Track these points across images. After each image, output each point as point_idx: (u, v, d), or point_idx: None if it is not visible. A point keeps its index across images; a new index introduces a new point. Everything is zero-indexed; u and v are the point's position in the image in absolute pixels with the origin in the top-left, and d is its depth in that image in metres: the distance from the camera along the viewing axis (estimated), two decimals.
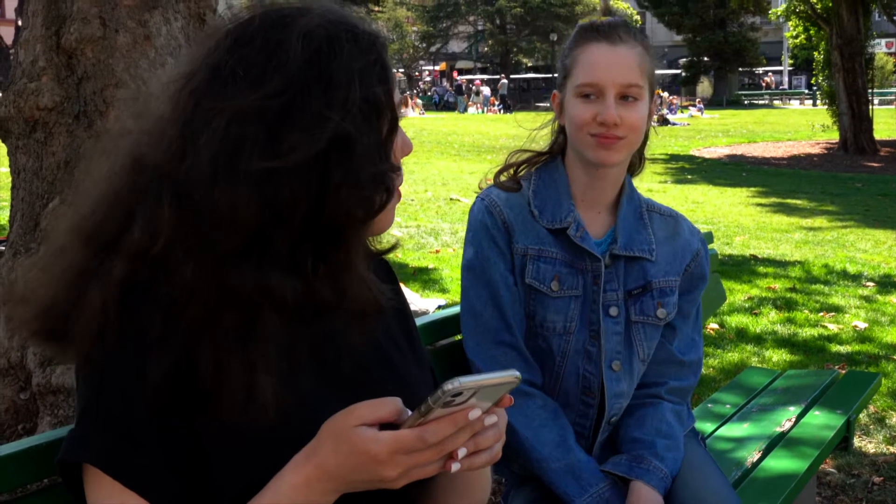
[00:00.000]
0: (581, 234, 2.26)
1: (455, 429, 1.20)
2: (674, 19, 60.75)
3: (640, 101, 2.20)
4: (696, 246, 2.39)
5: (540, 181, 2.32)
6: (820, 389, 3.62)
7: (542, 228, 2.26)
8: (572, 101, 2.22)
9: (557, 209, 2.28)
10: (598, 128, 2.17)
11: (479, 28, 72.50)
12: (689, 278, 2.38)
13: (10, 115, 3.98)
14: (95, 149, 1.45)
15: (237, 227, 1.26)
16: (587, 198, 2.32)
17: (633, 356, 2.30)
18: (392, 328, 1.62)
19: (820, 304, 7.58)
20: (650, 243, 2.31)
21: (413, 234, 10.96)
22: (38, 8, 3.99)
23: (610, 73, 2.17)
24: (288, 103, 1.29)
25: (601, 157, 2.20)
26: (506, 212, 2.27)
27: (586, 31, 2.24)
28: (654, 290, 2.30)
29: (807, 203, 15.39)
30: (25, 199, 4.02)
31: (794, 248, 10.71)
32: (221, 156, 1.27)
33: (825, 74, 28.27)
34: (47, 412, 3.92)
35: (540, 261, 2.25)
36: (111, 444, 1.26)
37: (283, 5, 1.39)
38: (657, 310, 2.30)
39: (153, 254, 1.28)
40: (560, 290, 2.25)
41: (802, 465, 2.85)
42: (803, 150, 26.96)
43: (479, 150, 23.63)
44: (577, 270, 2.26)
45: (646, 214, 2.35)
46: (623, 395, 2.30)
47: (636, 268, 2.30)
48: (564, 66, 2.27)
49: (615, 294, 2.28)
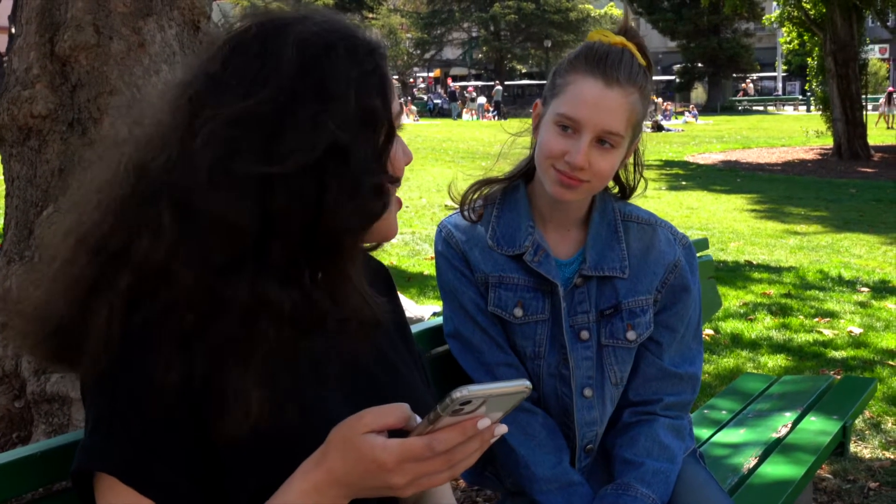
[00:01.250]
0: (539, 259, 2.20)
1: (464, 437, 1.19)
2: (668, 25, 60.88)
3: (616, 148, 2.10)
4: (673, 257, 2.27)
5: (503, 206, 2.26)
6: (816, 395, 3.62)
7: (500, 255, 2.21)
8: (548, 127, 2.13)
9: (516, 234, 2.22)
10: (563, 165, 2.08)
11: (473, 35, 72.51)
12: (671, 291, 2.27)
13: (3, 122, 3.97)
14: (92, 156, 1.45)
15: (232, 234, 1.27)
16: (553, 218, 2.25)
17: (604, 381, 2.24)
18: (393, 335, 1.63)
19: (815, 309, 7.59)
20: (622, 260, 2.22)
21: (408, 240, 10.96)
22: (32, 15, 3.99)
23: (593, 114, 2.06)
24: (283, 109, 1.29)
25: (558, 193, 2.13)
26: (461, 241, 2.24)
27: (588, 58, 2.11)
28: (624, 311, 2.22)
29: (801, 209, 15.40)
30: (19, 207, 4.01)
31: (789, 253, 10.72)
32: (216, 161, 1.27)
33: (819, 80, 28.28)
34: (42, 420, 3.90)
35: (501, 287, 2.21)
36: (126, 452, 1.27)
37: (282, 13, 1.40)
38: (626, 332, 2.22)
39: (156, 263, 1.28)
40: (524, 316, 2.20)
41: (799, 470, 2.85)
42: (797, 155, 26.97)
43: (474, 157, 23.62)
44: (541, 293, 2.21)
45: (620, 227, 2.25)
46: (596, 421, 2.25)
47: (608, 287, 2.23)
48: (554, 84, 2.16)
49: (586, 316, 2.22)
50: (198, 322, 1.28)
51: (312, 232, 1.31)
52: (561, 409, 2.26)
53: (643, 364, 2.28)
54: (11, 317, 1.40)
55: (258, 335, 1.29)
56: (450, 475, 1.22)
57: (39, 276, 1.40)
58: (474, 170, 18.14)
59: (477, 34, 71.55)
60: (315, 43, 1.34)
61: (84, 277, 1.33)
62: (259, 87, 1.29)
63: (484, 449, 1.24)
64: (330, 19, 1.39)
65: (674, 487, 2.20)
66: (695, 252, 2.35)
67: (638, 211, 2.32)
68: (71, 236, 1.37)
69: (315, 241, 1.32)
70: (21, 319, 1.38)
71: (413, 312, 6.55)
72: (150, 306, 1.29)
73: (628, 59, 2.10)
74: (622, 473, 2.19)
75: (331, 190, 1.29)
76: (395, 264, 9.31)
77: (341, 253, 1.35)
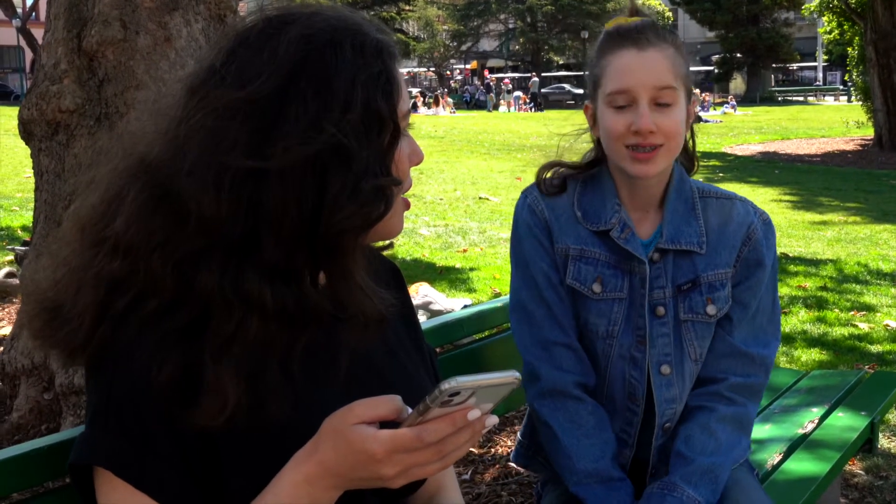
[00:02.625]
0: (626, 236, 2.17)
1: (454, 428, 1.19)
2: (706, 16, 60.50)
3: (675, 105, 2.08)
4: (749, 228, 2.23)
5: (586, 186, 2.24)
6: (845, 390, 3.57)
7: (584, 229, 2.19)
8: (605, 112, 2.12)
9: (601, 211, 2.19)
10: (633, 138, 2.06)
11: (509, 26, 72.44)
12: (745, 265, 2.22)
13: (32, 117, 4.02)
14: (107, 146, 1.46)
15: (205, 222, 1.27)
16: (633, 200, 2.21)
17: (683, 357, 2.20)
18: (397, 327, 1.62)
19: (851, 302, 7.50)
20: (699, 235, 2.19)
21: (441, 233, 10.95)
22: (60, 11, 4.02)
23: (641, 78, 2.06)
24: (276, 103, 1.28)
25: (638, 170, 2.09)
26: (547, 211, 2.22)
27: (612, 37, 2.13)
28: (703, 285, 2.18)
29: (840, 200, 15.24)
30: (48, 201, 4.05)
31: (826, 246, 10.61)
32: (199, 150, 1.27)
33: (860, 70, 28.00)
34: (70, 412, 3.95)
35: (581, 261, 2.18)
36: (121, 446, 1.27)
37: (292, 9, 1.39)
38: (706, 306, 2.18)
39: (128, 246, 1.29)
40: (602, 293, 2.17)
41: (824, 467, 2.81)
42: (837, 146, 26.71)
43: (510, 149, 23.59)
44: (621, 272, 2.18)
45: (698, 203, 2.22)
46: (675, 399, 2.21)
47: (685, 262, 2.19)
48: (593, 76, 2.17)
49: (662, 292, 2.18)
50: (167, 309, 1.28)
51: (313, 231, 1.30)
52: (627, 393, 2.22)
53: (713, 340, 2.23)
54: (25, 302, 1.42)
55: (237, 328, 1.28)
56: (440, 465, 1.22)
57: (49, 261, 1.42)
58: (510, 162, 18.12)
59: (513, 26, 71.48)
60: (319, 39, 1.33)
61: (76, 262, 1.35)
62: (253, 80, 1.29)
63: (475, 439, 1.24)
64: (341, 16, 1.38)
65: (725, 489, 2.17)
66: (773, 229, 2.28)
67: (716, 189, 2.29)
68: (73, 222, 1.40)
69: (315, 240, 1.31)
70: (29, 303, 1.40)
71: (443, 305, 6.54)
72: (133, 294, 1.30)
73: (650, 25, 2.13)
74: (672, 468, 2.16)
75: (331, 189, 1.29)
76: (427, 257, 9.31)
77: (342, 252, 1.35)
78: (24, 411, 4.16)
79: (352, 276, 1.38)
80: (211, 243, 1.28)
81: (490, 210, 13.30)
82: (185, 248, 1.28)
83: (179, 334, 1.28)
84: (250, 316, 1.28)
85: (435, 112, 44.13)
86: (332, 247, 1.33)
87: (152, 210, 1.29)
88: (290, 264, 1.31)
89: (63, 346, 1.34)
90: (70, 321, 1.32)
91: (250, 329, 1.29)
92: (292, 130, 1.27)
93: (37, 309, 1.38)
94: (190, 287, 1.28)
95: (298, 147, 1.26)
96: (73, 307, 1.32)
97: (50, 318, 1.35)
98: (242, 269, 1.28)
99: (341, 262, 1.36)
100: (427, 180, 16.57)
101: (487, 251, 9.73)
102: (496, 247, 10.02)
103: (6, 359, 4.25)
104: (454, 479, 1.73)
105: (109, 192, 1.35)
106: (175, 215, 1.28)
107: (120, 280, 1.30)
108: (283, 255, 1.30)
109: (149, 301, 1.29)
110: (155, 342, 1.27)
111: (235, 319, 1.28)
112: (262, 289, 1.28)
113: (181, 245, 1.28)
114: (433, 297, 6.60)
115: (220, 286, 1.27)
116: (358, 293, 1.39)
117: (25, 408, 4.17)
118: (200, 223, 1.27)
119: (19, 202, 12.38)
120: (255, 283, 1.28)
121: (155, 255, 1.28)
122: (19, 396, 4.22)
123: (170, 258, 1.28)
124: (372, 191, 1.31)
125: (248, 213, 1.27)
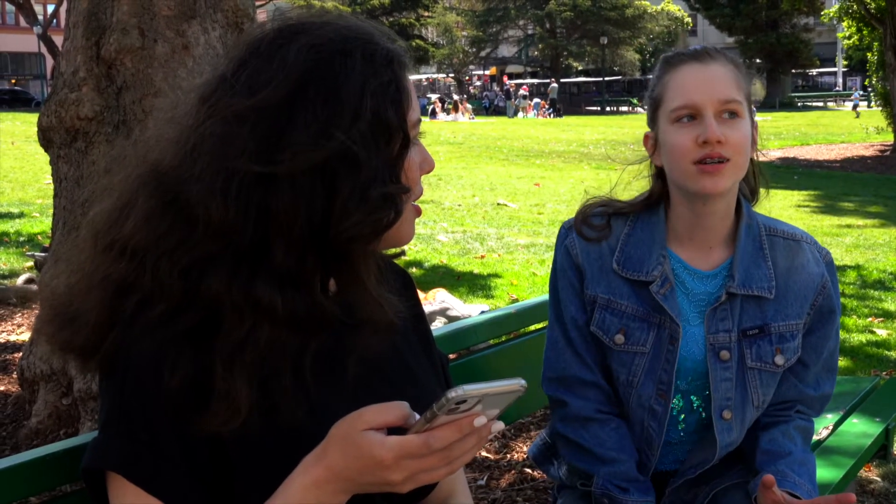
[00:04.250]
0: (665, 292, 2.12)
1: (460, 435, 1.21)
2: (725, 21, 60.35)
3: (740, 118, 2.03)
4: (821, 277, 2.17)
5: (635, 228, 2.19)
6: (859, 397, 3.57)
7: (617, 278, 2.15)
8: (668, 130, 2.06)
9: (646, 259, 2.14)
10: (700, 151, 2.00)
11: (528, 32, 72.35)
12: (819, 314, 2.18)
13: (51, 124, 4.05)
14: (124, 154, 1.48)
15: (213, 228, 1.28)
16: (696, 237, 2.15)
17: (745, 404, 2.15)
18: (408, 333, 1.63)
19: (870, 309, 7.48)
20: (769, 280, 2.13)
21: (459, 239, 10.97)
22: (79, 19, 4.06)
23: (706, 90, 2.02)
24: (285, 110, 1.30)
25: (707, 186, 2.01)
26: (581, 256, 2.19)
27: (671, 59, 2.12)
28: (773, 335, 2.13)
29: (859, 206, 15.19)
30: (66, 208, 4.09)
31: (845, 251, 10.58)
32: (209, 156, 1.29)
33: (879, 75, 27.88)
34: (88, 417, 3.98)
35: (607, 311, 2.16)
36: (133, 451, 1.29)
37: (304, 18, 1.41)
38: (775, 356, 2.14)
39: (134, 251, 1.31)
40: (624, 345, 2.15)
41: (838, 473, 2.81)
42: (857, 152, 26.61)
43: (528, 155, 23.57)
44: (648, 325, 2.14)
45: (766, 242, 2.16)
46: (733, 444, 2.19)
47: (752, 307, 2.13)
48: (653, 99, 2.13)
49: (728, 336, 2.13)
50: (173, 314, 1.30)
51: (322, 237, 1.32)
52: (645, 442, 2.20)
53: (783, 385, 2.22)
54: (41, 307, 1.44)
55: (248, 335, 1.30)
56: (447, 471, 1.24)
57: (64, 267, 1.44)
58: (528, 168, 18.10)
59: (533, 32, 71.39)
60: (329, 48, 1.34)
61: (89, 267, 1.37)
62: (263, 88, 1.31)
63: (481, 446, 1.26)
64: (352, 26, 1.40)
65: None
66: (835, 269, 2.24)
67: (782, 225, 2.23)
68: (88, 229, 1.42)
69: (325, 247, 1.33)
70: (45, 309, 1.43)
71: (460, 311, 6.55)
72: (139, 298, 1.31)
73: (709, 47, 2.14)
74: (769, 462, 2.14)
75: (339, 196, 1.30)
76: (445, 263, 9.33)
77: (353, 259, 1.36)
78: (43, 416, 4.20)
79: (362, 283, 1.39)
80: (220, 249, 1.29)
81: (508, 216, 13.32)
82: (194, 254, 1.29)
83: (188, 339, 1.30)
84: (261, 322, 1.30)
85: (454, 118, 44.13)
86: (343, 253, 1.35)
87: (160, 215, 1.31)
88: (300, 270, 1.33)
89: (76, 350, 1.36)
90: (82, 326, 1.34)
91: (261, 335, 1.30)
92: (301, 137, 1.29)
93: (51, 314, 1.40)
94: (197, 292, 1.30)
95: (307, 152, 1.28)
96: (85, 313, 1.34)
97: (63, 324, 1.37)
98: (252, 275, 1.29)
99: (352, 269, 1.38)
100: (445, 186, 16.59)
101: (505, 257, 9.74)
102: (514, 253, 10.03)
103: (25, 364, 4.28)
104: (465, 483, 1.74)
105: (121, 199, 1.37)
106: (183, 221, 1.30)
107: (127, 283, 1.32)
108: (293, 261, 1.31)
109: (155, 306, 1.30)
110: (165, 347, 1.29)
111: (247, 325, 1.29)
112: (272, 295, 1.30)
113: (189, 251, 1.30)
114: (450, 302, 6.60)
115: (229, 292, 1.29)
116: (369, 300, 1.41)
117: (44, 413, 4.20)
118: (209, 229, 1.28)
119: (39, 208, 12.48)
120: (265, 289, 1.29)
121: (162, 261, 1.30)
122: (38, 402, 4.25)
123: (177, 263, 1.29)
124: (380, 198, 1.33)
125: (257, 219, 1.29)
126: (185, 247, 1.30)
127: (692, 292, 2.15)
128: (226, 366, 1.29)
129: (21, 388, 4.47)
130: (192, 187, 1.29)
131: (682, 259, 2.15)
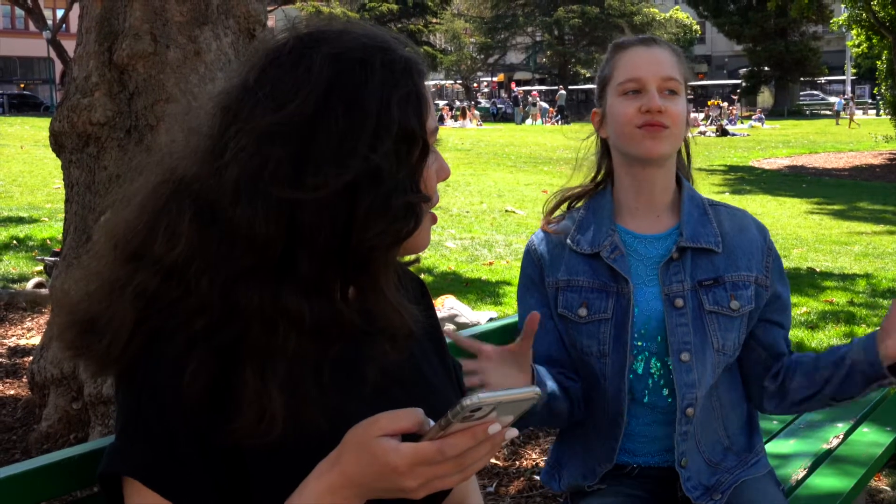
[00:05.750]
0: (615, 257, 2.29)
1: (475, 442, 1.21)
2: (734, 29, 60.23)
3: (679, 95, 2.27)
4: (765, 241, 2.37)
5: (587, 211, 2.39)
6: (870, 405, 3.56)
7: (574, 257, 2.33)
8: (615, 102, 2.29)
9: (598, 233, 2.33)
10: (642, 118, 2.23)
11: (536, 39, 72.36)
12: (778, 275, 2.36)
13: (63, 129, 4.07)
14: (141, 162, 1.49)
15: (254, 245, 1.29)
16: (641, 205, 2.35)
17: (706, 346, 2.26)
18: (423, 341, 1.64)
19: (880, 318, 7.45)
20: (716, 236, 2.31)
21: (467, 245, 10.97)
22: (92, 25, 4.08)
23: (650, 68, 2.26)
24: (312, 124, 1.30)
25: (648, 147, 2.24)
26: (540, 248, 2.39)
27: (619, 44, 2.37)
28: (727, 283, 2.29)
29: (868, 215, 15.15)
30: (78, 213, 4.10)
31: (854, 260, 10.55)
32: (244, 175, 1.29)
33: (888, 84, 27.84)
34: (98, 422, 3.99)
35: (568, 290, 2.32)
36: (151, 456, 1.30)
37: (321, 27, 1.41)
38: (730, 301, 2.28)
39: (172, 265, 1.31)
40: (588, 316, 2.29)
41: (849, 482, 2.81)
42: (865, 160, 26.55)
43: (536, 162, 23.58)
44: (607, 294, 2.29)
45: (709, 210, 2.36)
46: (694, 384, 2.26)
47: (704, 261, 2.30)
48: (602, 77, 2.36)
49: (681, 285, 2.28)
50: (215, 328, 1.31)
51: (344, 247, 1.33)
52: (618, 410, 2.29)
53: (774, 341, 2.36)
54: (57, 312, 1.45)
55: (277, 343, 1.31)
56: (461, 478, 1.24)
57: (81, 274, 1.44)
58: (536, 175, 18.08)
59: (541, 38, 71.40)
60: (350, 58, 1.34)
61: (109, 276, 1.37)
62: (289, 101, 1.31)
63: (494, 451, 1.26)
64: (369, 34, 1.40)
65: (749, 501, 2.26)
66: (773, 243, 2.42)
67: (722, 203, 2.44)
68: (107, 237, 1.42)
69: (346, 256, 1.34)
70: (61, 315, 1.43)
71: (469, 318, 6.56)
72: (170, 310, 1.32)
73: (654, 36, 2.42)
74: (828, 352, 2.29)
75: (361, 207, 1.31)
76: (453, 269, 9.33)
77: (373, 268, 1.37)
78: (53, 420, 4.21)
79: (382, 291, 1.40)
80: (255, 263, 1.30)
81: (516, 223, 13.32)
82: (231, 269, 1.30)
83: (216, 350, 1.31)
84: (290, 331, 1.31)
85: (462, 124, 44.14)
86: (364, 262, 1.35)
87: (197, 232, 1.31)
88: (323, 279, 1.34)
89: (95, 357, 1.37)
90: (104, 334, 1.34)
91: (290, 344, 1.31)
92: (325, 155, 1.29)
93: (69, 320, 1.40)
94: (235, 306, 1.30)
95: (335, 174, 1.29)
96: (107, 321, 1.34)
97: (82, 330, 1.38)
98: (281, 286, 1.31)
99: (372, 278, 1.38)
100: (453, 193, 16.60)
101: (513, 264, 9.73)
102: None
103: (35, 368, 4.30)
104: (477, 489, 1.74)
105: (146, 209, 1.38)
106: (222, 238, 1.30)
107: (157, 297, 1.32)
108: (316, 270, 1.32)
109: (195, 320, 1.31)
110: (188, 357, 1.29)
111: (278, 335, 1.30)
112: (300, 304, 1.31)
113: (227, 266, 1.30)
114: (459, 309, 6.61)
115: (261, 304, 1.29)
116: (388, 308, 1.41)
117: (54, 417, 4.21)
118: (250, 246, 1.29)
119: (48, 213, 12.50)
120: (292, 298, 1.30)
121: (203, 277, 1.30)
122: (48, 406, 4.27)
123: (217, 278, 1.30)
124: (402, 207, 1.34)
125: (286, 233, 1.30)
126: (223, 262, 1.30)
127: (645, 256, 2.33)
128: (258, 375, 1.29)
129: (31, 392, 4.48)
130: (230, 204, 1.30)
131: (630, 230, 2.34)
